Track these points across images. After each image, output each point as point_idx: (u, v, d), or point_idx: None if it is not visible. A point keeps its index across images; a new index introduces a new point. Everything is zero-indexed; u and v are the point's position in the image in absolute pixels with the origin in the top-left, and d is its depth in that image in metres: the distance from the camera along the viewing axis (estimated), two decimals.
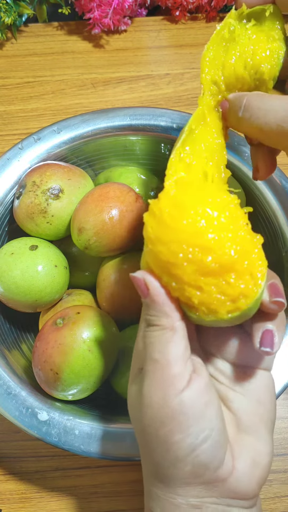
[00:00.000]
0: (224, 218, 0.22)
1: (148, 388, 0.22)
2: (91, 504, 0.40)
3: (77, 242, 0.37)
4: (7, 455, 0.42)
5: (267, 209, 0.41)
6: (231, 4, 0.63)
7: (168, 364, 0.22)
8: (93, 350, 0.33)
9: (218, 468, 0.22)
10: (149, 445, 0.22)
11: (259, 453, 0.23)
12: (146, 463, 0.23)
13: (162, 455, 0.22)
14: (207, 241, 0.21)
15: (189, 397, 0.21)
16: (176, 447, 0.21)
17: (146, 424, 0.22)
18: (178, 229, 0.21)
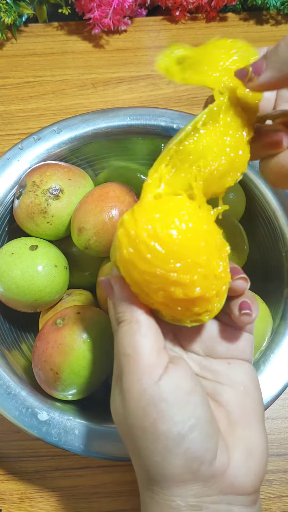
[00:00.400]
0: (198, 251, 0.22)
1: (126, 384, 0.22)
2: (92, 504, 0.40)
3: (77, 242, 0.37)
4: (7, 455, 0.42)
5: (267, 209, 0.41)
6: (231, 4, 0.63)
7: (139, 356, 0.22)
8: (93, 350, 0.33)
9: (213, 462, 0.22)
10: (137, 442, 0.22)
11: (252, 442, 0.23)
12: (139, 468, 0.23)
13: (151, 449, 0.21)
14: (181, 278, 0.21)
15: (167, 384, 0.21)
16: (164, 437, 0.21)
17: (130, 419, 0.22)
18: (153, 263, 0.21)
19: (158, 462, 0.21)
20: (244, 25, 0.65)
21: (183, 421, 0.21)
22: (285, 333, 0.36)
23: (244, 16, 0.66)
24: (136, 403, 0.22)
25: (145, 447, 0.22)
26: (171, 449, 0.21)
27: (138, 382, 0.22)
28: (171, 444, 0.21)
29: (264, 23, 0.65)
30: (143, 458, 0.22)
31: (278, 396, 0.34)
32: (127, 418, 0.22)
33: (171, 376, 0.22)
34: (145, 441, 0.22)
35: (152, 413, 0.21)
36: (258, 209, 0.42)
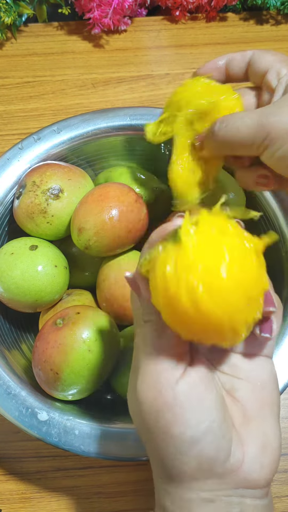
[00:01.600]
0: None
1: (142, 383, 0.22)
2: (94, 504, 0.40)
3: (77, 242, 0.37)
4: (8, 455, 0.41)
5: (267, 209, 0.41)
6: (231, 4, 0.63)
7: (159, 357, 0.22)
8: (93, 350, 0.33)
9: (227, 460, 0.22)
10: (152, 440, 0.22)
11: (267, 436, 0.23)
12: (153, 460, 0.24)
13: (163, 448, 0.22)
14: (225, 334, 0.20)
15: (183, 390, 0.21)
16: (178, 440, 0.21)
17: (145, 420, 0.22)
18: (197, 320, 0.20)
19: (171, 461, 0.22)
20: (244, 25, 0.65)
21: (197, 425, 0.21)
22: (285, 333, 0.36)
23: (244, 16, 0.66)
24: (149, 405, 0.22)
25: (158, 447, 0.22)
26: (183, 452, 0.21)
27: (153, 384, 0.22)
28: (184, 447, 0.21)
29: (264, 23, 0.65)
30: (157, 453, 0.22)
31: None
32: (141, 417, 0.22)
33: (187, 381, 0.22)
34: (158, 442, 0.22)
35: (166, 417, 0.21)
36: (258, 209, 0.42)
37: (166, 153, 0.45)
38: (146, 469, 0.41)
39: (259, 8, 0.65)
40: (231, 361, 0.26)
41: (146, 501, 0.40)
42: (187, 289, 0.19)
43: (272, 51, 0.32)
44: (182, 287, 0.19)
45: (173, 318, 0.21)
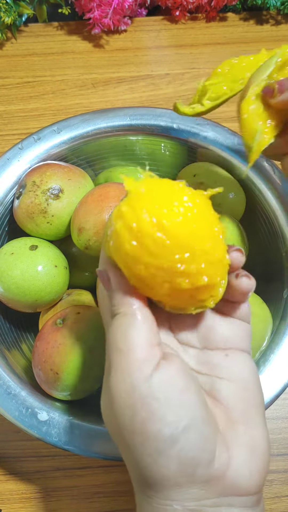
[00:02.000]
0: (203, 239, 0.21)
1: (114, 379, 0.21)
2: (93, 504, 0.40)
3: (77, 242, 0.37)
4: (8, 455, 0.42)
5: (267, 209, 0.41)
6: (231, 4, 0.63)
7: (131, 350, 0.21)
8: (94, 350, 0.33)
9: (211, 463, 0.20)
10: (126, 442, 0.20)
11: (254, 439, 0.22)
12: (130, 466, 0.22)
13: (140, 451, 0.20)
14: (189, 269, 0.20)
15: (159, 381, 0.20)
16: (154, 439, 0.20)
17: (118, 418, 0.20)
18: (159, 256, 0.20)
19: (149, 464, 0.20)
20: (244, 25, 0.65)
21: (176, 421, 0.20)
22: (285, 333, 0.36)
23: (244, 16, 0.66)
24: (123, 401, 0.20)
25: (134, 448, 0.20)
26: (162, 451, 0.20)
27: (127, 378, 0.20)
28: (162, 446, 0.20)
29: (264, 23, 0.65)
30: (134, 459, 0.21)
31: (278, 396, 0.34)
32: (115, 416, 0.21)
33: (163, 373, 0.20)
34: (134, 442, 0.20)
35: (141, 412, 0.20)
36: (258, 209, 0.42)
37: (166, 153, 0.45)
38: None
39: (259, 8, 0.65)
40: (209, 359, 0.24)
41: None
42: (151, 226, 0.20)
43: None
44: (145, 227, 0.20)
45: (142, 275, 0.21)
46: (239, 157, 0.42)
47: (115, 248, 0.21)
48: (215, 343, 0.25)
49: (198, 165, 0.43)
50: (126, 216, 0.20)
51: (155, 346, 0.21)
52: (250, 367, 0.24)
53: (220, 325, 0.25)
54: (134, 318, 0.21)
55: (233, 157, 0.42)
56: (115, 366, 0.21)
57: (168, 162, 0.46)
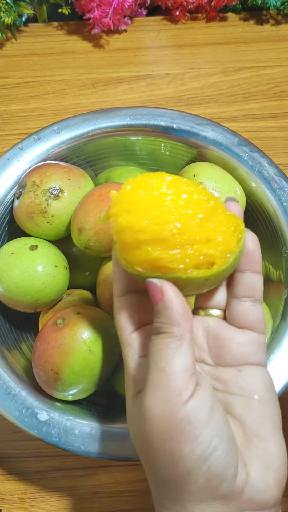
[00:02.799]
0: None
1: (152, 400, 0.21)
2: (93, 504, 0.40)
3: (77, 242, 0.37)
4: (8, 455, 0.42)
5: (267, 209, 0.41)
6: (231, 4, 0.63)
7: (174, 374, 0.21)
8: (94, 350, 0.33)
9: (234, 479, 0.21)
10: (156, 461, 0.21)
11: (270, 454, 0.22)
12: (152, 481, 0.22)
13: (170, 470, 0.21)
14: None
15: (194, 406, 0.21)
16: (186, 460, 0.20)
17: (151, 439, 0.21)
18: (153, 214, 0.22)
19: (176, 482, 0.21)
20: (244, 25, 0.65)
21: (208, 440, 0.20)
22: (285, 333, 0.36)
23: (244, 16, 0.66)
24: (160, 424, 0.21)
25: (163, 467, 0.21)
26: (191, 470, 0.20)
27: (166, 402, 0.21)
28: (192, 465, 0.20)
29: (264, 23, 0.65)
30: (158, 474, 0.21)
31: (278, 396, 0.34)
32: (146, 435, 0.21)
33: (197, 399, 0.21)
34: (164, 463, 0.21)
35: (176, 436, 0.20)
36: (258, 209, 0.42)
37: (166, 153, 0.45)
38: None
39: (259, 8, 0.65)
40: (222, 376, 0.24)
41: (146, 500, 0.40)
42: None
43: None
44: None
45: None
46: (239, 157, 0.42)
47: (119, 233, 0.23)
48: (227, 360, 0.25)
49: (198, 165, 0.43)
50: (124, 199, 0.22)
51: (193, 374, 0.22)
52: (265, 380, 0.24)
53: (231, 341, 0.25)
54: (183, 343, 0.21)
55: (233, 157, 0.42)
56: (155, 385, 0.21)
57: (168, 162, 0.46)
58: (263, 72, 0.62)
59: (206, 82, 0.61)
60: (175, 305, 0.22)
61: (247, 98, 0.60)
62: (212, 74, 0.61)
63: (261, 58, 0.63)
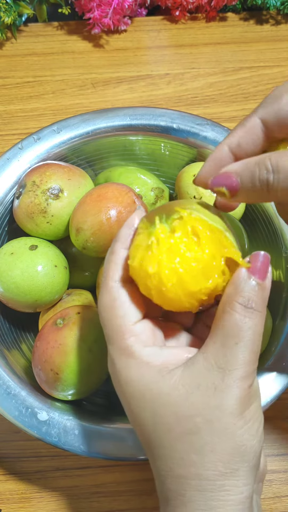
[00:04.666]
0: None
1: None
2: (93, 504, 0.40)
3: (75, 242, 0.37)
4: (7, 455, 0.42)
5: (267, 209, 0.41)
6: (231, 4, 0.63)
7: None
8: (94, 350, 0.33)
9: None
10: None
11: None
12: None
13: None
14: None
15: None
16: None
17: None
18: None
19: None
20: (244, 25, 0.65)
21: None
22: (285, 333, 0.36)
23: (244, 16, 0.66)
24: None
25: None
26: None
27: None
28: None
29: (264, 23, 0.65)
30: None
31: (278, 396, 0.34)
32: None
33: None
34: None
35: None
36: (258, 209, 0.42)
37: (166, 153, 0.45)
38: (144, 469, 0.41)
39: (259, 8, 0.65)
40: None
41: (145, 500, 0.40)
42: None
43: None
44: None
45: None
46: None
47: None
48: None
49: (198, 165, 0.43)
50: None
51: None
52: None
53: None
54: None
55: None
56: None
57: (168, 162, 0.46)
58: (263, 72, 0.62)
59: (206, 82, 0.61)
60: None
61: (247, 98, 0.60)
62: (212, 74, 0.62)
63: (261, 58, 0.63)
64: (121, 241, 0.25)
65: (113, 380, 0.25)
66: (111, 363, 0.24)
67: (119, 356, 0.23)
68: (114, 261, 0.25)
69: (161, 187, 0.43)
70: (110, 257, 0.25)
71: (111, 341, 0.24)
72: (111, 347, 0.24)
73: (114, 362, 0.24)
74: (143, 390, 0.23)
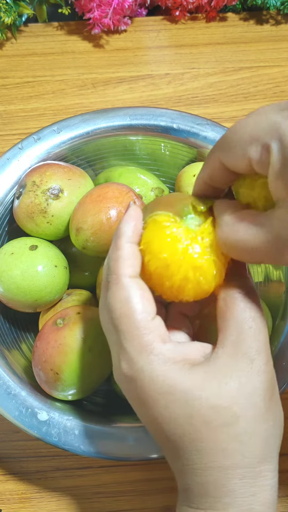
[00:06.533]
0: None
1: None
2: (94, 504, 0.40)
3: (75, 242, 0.37)
4: (7, 455, 0.42)
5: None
6: (231, 4, 0.63)
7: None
8: (94, 350, 0.33)
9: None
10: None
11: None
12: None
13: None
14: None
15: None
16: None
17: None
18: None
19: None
20: (244, 25, 0.65)
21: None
22: (285, 333, 0.36)
23: (244, 16, 0.66)
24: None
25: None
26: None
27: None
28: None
29: (264, 23, 0.65)
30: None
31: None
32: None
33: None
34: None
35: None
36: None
37: (166, 153, 0.45)
38: (145, 469, 0.41)
39: (259, 8, 0.65)
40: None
41: (146, 500, 0.40)
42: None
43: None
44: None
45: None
46: None
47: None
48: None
49: (198, 165, 0.43)
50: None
51: None
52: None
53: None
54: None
55: None
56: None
57: (168, 162, 0.46)
58: (263, 72, 0.62)
59: (206, 82, 0.61)
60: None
61: (247, 98, 0.60)
62: (212, 74, 0.62)
63: (261, 58, 0.63)
64: (125, 236, 0.25)
65: (128, 382, 0.24)
66: (128, 362, 0.23)
67: (139, 353, 0.23)
68: (122, 256, 0.24)
69: (161, 187, 0.43)
70: (116, 253, 0.25)
71: (128, 338, 0.23)
72: (129, 344, 0.23)
73: (133, 361, 0.23)
74: (172, 385, 0.22)
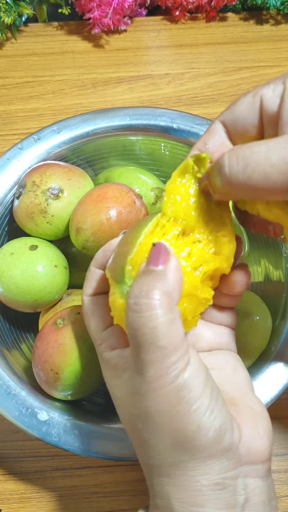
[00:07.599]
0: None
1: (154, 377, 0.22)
2: (92, 504, 0.40)
3: (75, 242, 0.37)
4: (7, 455, 0.42)
5: None
6: (231, 4, 0.63)
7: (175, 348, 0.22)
8: (93, 350, 0.33)
9: (233, 430, 0.22)
10: (160, 428, 0.22)
11: (254, 408, 0.25)
12: (156, 451, 0.23)
13: (179, 432, 0.21)
14: None
15: (191, 372, 0.22)
16: (197, 413, 0.21)
17: (149, 402, 0.22)
18: None
19: (184, 441, 0.22)
20: (244, 25, 0.65)
21: (210, 393, 0.22)
22: (285, 333, 0.36)
23: (244, 16, 0.66)
24: (163, 387, 0.21)
25: (168, 430, 0.22)
26: (200, 424, 0.21)
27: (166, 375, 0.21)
28: (201, 418, 0.21)
29: (264, 23, 0.65)
30: (163, 442, 0.22)
31: (278, 396, 0.34)
32: (143, 401, 0.22)
33: (195, 358, 0.22)
34: (171, 425, 0.21)
35: (183, 395, 0.21)
36: None
37: (166, 153, 0.45)
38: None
39: (259, 8, 0.65)
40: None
41: (144, 500, 0.40)
42: None
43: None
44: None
45: None
46: None
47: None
48: (200, 348, 0.28)
49: None
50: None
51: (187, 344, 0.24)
52: (234, 356, 0.28)
53: (206, 332, 0.28)
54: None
55: None
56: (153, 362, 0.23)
57: (168, 162, 0.46)
58: (263, 72, 0.62)
59: (205, 82, 0.61)
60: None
61: None
62: (211, 74, 0.62)
63: (261, 58, 0.63)
64: (94, 261, 0.30)
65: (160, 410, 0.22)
66: (154, 393, 0.22)
67: (162, 384, 0.22)
68: (87, 278, 0.30)
69: (161, 187, 0.43)
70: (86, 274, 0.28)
71: (152, 365, 0.21)
72: (152, 369, 0.21)
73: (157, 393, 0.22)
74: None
